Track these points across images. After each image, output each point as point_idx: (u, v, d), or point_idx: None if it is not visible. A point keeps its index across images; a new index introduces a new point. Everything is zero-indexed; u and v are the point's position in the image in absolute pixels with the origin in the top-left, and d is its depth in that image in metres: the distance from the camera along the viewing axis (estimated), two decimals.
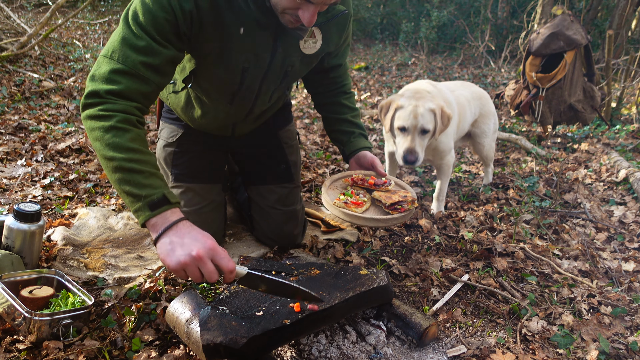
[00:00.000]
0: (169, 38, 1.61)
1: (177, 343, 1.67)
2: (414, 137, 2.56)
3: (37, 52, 6.68)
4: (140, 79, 1.57)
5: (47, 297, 1.72)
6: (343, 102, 2.32)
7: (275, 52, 1.85)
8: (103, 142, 1.50)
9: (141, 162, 1.51)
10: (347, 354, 1.65)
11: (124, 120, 1.52)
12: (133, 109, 1.57)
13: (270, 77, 1.96)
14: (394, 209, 1.98)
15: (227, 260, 1.43)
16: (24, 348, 1.56)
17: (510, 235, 2.71)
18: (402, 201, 2.01)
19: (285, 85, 2.10)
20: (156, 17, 1.57)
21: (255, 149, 2.39)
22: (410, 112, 2.54)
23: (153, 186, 1.48)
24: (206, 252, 1.40)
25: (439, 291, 2.16)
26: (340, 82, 2.32)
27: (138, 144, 1.52)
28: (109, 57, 1.57)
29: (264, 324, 1.47)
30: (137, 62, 1.56)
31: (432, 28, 12.18)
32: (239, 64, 1.83)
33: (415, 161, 2.55)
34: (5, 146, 3.57)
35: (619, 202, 3.35)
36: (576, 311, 2.07)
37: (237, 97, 2.00)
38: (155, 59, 1.59)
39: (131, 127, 1.54)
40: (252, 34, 1.77)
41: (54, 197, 2.82)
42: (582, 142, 4.92)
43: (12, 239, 1.94)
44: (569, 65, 4.75)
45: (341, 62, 2.25)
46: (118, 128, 1.50)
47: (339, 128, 2.31)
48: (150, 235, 2.45)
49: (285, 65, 1.93)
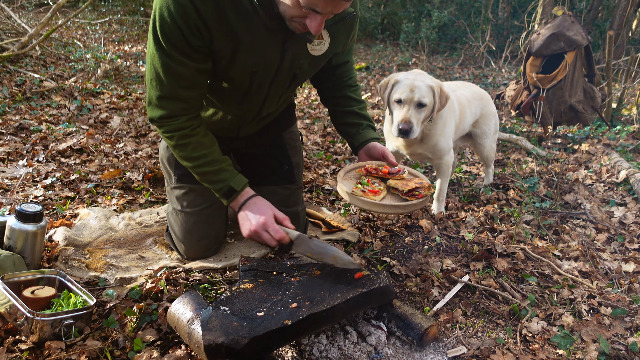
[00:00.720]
0: (187, 53, 1.73)
1: (179, 343, 1.68)
2: (410, 108, 2.57)
3: (37, 52, 6.69)
4: (179, 100, 1.83)
5: (49, 297, 1.72)
6: (349, 94, 2.31)
7: (283, 56, 1.87)
8: (177, 155, 1.97)
9: (207, 164, 1.92)
10: (347, 355, 1.66)
11: (181, 136, 1.88)
12: (184, 122, 1.87)
13: (279, 79, 1.97)
14: (412, 195, 2.02)
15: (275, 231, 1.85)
16: (26, 348, 1.57)
17: (511, 236, 2.71)
18: (419, 187, 2.05)
19: (293, 88, 2.11)
20: (172, 36, 1.69)
21: (258, 149, 2.39)
22: (408, 85, 2.57)
23: (222, 180, 1.93)
24: (260, 227, 1.85)
25: (439, 292, 2.16)
26: (346, 76, 2.31)
27: (199, 150, 1.91)
28: (150, 84, 1.83)
29: (266, 324, 1.47)
30: (171, 86, 1.79)
31: (432, 28, 12.18)
32: (248, 67, 1.85)
33: (409, 131, 2.55)
34: (7, 146, 3.58)
35: (619, 203, 3.36)
36: (576, 312, 2.08)
37: (246, 100, 2.01)
38: (183, 79, 1.78)
39: (189, 139, 1.89)
40: (261, 39, 1.78)
41: (55, 197, 2.82)
42: (582, 142, 4.92)
43: (14, 239, 1.94)
44: (569, 66, 4.76)
45: (348, 59, 2.25)
46: (180, 145, 1.90)
47: (346, 121, 2.31)
48: (151, 236, 2.46)
49: (293, 67, 1.95)
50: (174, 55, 1.72)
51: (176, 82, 1.78)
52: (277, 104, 2.16)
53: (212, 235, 2.28)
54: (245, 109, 2.07)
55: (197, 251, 2.26)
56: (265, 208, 1.89)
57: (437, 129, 2.81)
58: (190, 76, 1.79)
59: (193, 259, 2.27)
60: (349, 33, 2.05)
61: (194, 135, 1.90)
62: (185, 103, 1.85)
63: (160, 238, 2.44)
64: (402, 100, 2.58)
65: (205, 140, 1.94)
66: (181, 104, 1.84)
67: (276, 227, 1.85)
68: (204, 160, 1.91)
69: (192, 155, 1.91)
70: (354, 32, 2.10)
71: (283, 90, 2.06)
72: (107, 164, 3.42)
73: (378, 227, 2.74)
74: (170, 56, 1.73)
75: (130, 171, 3.30)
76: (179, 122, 1.86)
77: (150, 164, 3.44)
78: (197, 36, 1.70)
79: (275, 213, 1.89)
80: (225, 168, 1.94)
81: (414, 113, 2.57)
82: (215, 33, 1.71)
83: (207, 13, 1.66)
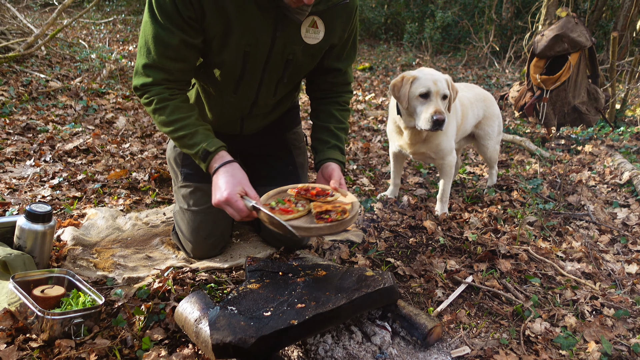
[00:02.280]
0: (177, 23, 1.78)
1: (186, 342, 1.70)
2: (438, 101, 2.62)
3: (43, 52, 6.73)
4: (163, 70, 1.85)
5: (58, 296, 1.75)
6: (333, 112, 2.23)
7: (275, 37, 1.89)
8: (156, 121, 1.94)
9: (183, 128, 1.88)
10: (352, 354, 1.68)
11: (160, 100, 1.88)
12: (164, 89, 1.89)
13: (272, 64, 1.98)
14: (320, 218, 1.79)
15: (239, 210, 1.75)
16: (36, 346, 1.60)
17: (514, 237, 2.73)
18: (331, 210, 1.82)
19: (289, 77, 2.09)
20: (164, 3, 1.75)
21: (263, 150, 2.42)
22: (429, 79, 2.63)
23: (196, 144, 1.88)
24: (224, 202, 1.76)
25: (443, 292, 2.18)
26: (337, 91, 2.26)
27: (176, 114, 1.89)
28: (139, 52, 1.87)
29: (272, 324, 1.50)
30: (157, 55, 1.82)
31: (436, 28, 12.18)
32: (241, 47, 1.88)
33: (443, 121, 2.58)
34: (14, 146, 3.61)
35: (623, 205, 3.37)
36: (579, 313, 2.09)
37: (241, 86, 2.03)
38: (170, 49, 1.81)
39: (167, 102, 1.88)
40: (253, 17, 1.81)
41: (62, 197, 2.85)
42: (586, 144, 4.93)
43: (23, 239, 1.97)
44: (573, 67, 4.76)
45: (341, 67, 2.18)
46: (158, 109, 1.89)
47: (318, 136, 2.21)
48: (158, 236, 2.49)
49: (286, 52, 1.96)
50: (164, 24, 1.77)
51: (162, 51, 1.81)
52: (274, 96, 2.16)
53: (218, 233, 2.31)
54: (241, 96, 2.09)
55: (203, 249, 2.28)
56: (235, 180, 1.79)
57: None
58: (177, 47, 1.81)
59: (199, 257, 2.29)
60: (346, 24, 2.02)
61: (172, 99, 1.90)
62: (168, 74, 1.87)
63: (166, 238, 2.47)
64: (429, 93, 2.62)
65: (184, 105, 1.92)
66: (164, 74, 1.86)
67: (239, 205, 1.74)
68: (180, 124, 1.88)
69: (169, 119, 1.88)
70: (352, 28, 2.07)
71: (277, 76, 2.05)
72: (113, 164, 3.45)
73: (382, 228, 2.76)
74: (160, 24, 1.78)
75: (136, 171, 3.33)
76: (160, 88, 1.88)
77: (156, 164, 3.46)
78: (187, 6, 1.75)
79: (246, 189, 1.79)
80: (201, 132, 1.90)
81: (441, 105, 2.63)
82: (207, 7, 1.76)
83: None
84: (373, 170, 3.87)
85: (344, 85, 2.27)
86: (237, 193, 1.75)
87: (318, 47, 2.00)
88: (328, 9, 1.88)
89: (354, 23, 2.07)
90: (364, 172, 3.81)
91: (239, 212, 1.75)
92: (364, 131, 5.21)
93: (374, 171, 3.84)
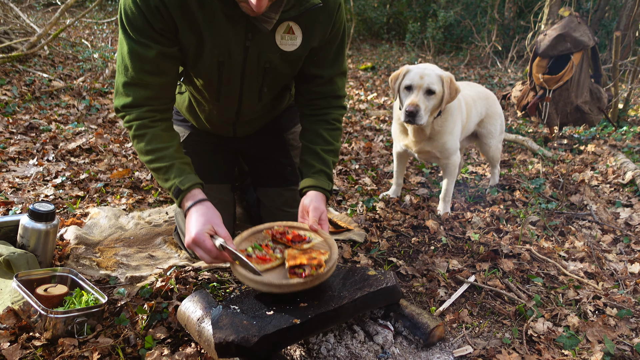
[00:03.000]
0: (151, 35, 1.72)
1: (189, 341, 1.71)
2: (418, 94, 2.63)
3: (46, 52, 6.74)
4: (143, 87, 1.78)
5: (61, 295, 1.76)
6: (321, 132, 2.04)
7: (247, 47, 1.84)
8: (135, 147, 1.85)
9: (159, 160, 1.79)
10: (355, 353, 1.68)
11: (139, 126, 1.79)
12: (145, 112, 1.80)
13: (249, 74, 1.93)
14: (293, 273, 1.63)
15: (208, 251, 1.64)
16: (40, 345, 1.60)
17: (517, 237, 2.72)
18: (305, 265, 1.64)
19: (272, 84, 2.02)
20: (135, 19, 1.69)
21: (260, 150, 2.41)
22: (418, 73, 2.65)
23: (169, 179, 1.78)
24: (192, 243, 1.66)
25: (445, 292, 2.18)
26: (325, 107, 2.07)
27: (155, 143, 1.79)
28: (117, 71, 1.81)
29: (275, 323, 1.50)
30: (135, 71, 1.75)
31: (438, 28, 12.18)
32: (214, 58, 1.84)
33: (415, 114, 2.59)
34: (17, 145, 3.62)
35: (625, 204, 3.36)
36: (582, 313, 2.09)
37: (222, 95, 2.01)
38: (147, 63, 1.75)
39: (146, 130, 1.79)
40: (223, 28, 1.76)
41: (65, 196, 2.86)
42: (588, 143, 4.92)
43: (27, 238, 1.98)
44: (575, 66, 4.76)
45: (324, 74, 2.00)
46: (137, 136, 1.81)
47: (305, 158, 2.04)
48: (161, 235, 2.49)
49: (262, 61, 1.89)
50: (138, 39, 1.72)
51: (140, 66, 1.74)
52: (259, 101, 2.08)
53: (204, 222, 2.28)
54: (223, 105, 2.07)
55: None
56: (203, 219, 1.67)
57: (447, 126, 2.84)
58: (154, 59, 1.75)
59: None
60: (327, 26, 1.89)
61: (152, 127, 1.80)
62: (149, 91, 1.78)
63: (169, 237, 2.47)
64: (412, 86, 2.65)
65: (164, 135, 1.82)
66: (145, 91, 1.78)
67: (207, 245, 1.62)
68: (157, 155, 1.79)
69: (147, 148, 1.79)
70: (335, 29, 1.92)
71: (257, 85, 1.98)
72: (116, 164, 3.46)
73: (385, 227, 2.76)
74: (135, 40, 1.72)
75: (139, 171, 3.33)
76: (140, 111, 1.79)
77: None
78: (158, 19, 1.69)
79: (215, 228, 1.67)
80: (177, 166, 1.79)
81: (422, 99, 2.62)
82: (177, 18, 1.71)
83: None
84: (375, 169, 3.87)
85: (333, 99, 2.07)
86: (204, 232, 1.63)
87: (296, 53, 1.91)
88: (302, 14, 1.78)
89: (337, 26, 1.93)
90: (366, 171, 3.81)
91: (207, 252, 1.63)
92: (366, 131, 5.21)
93: (376, 171, 3.84)
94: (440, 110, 2.73)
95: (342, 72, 2.07)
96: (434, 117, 2.77)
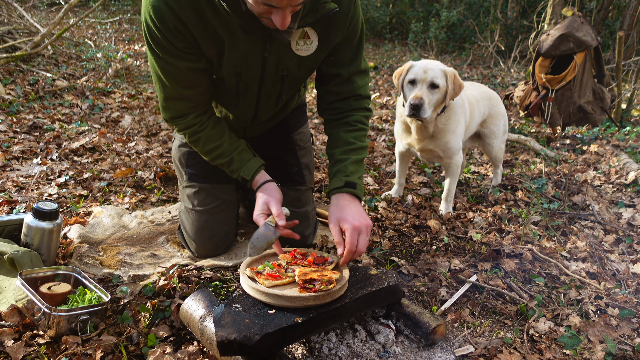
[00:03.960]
0: (176, 54, 1.76)
1: (191, 339, 1.72)
2: (422, 87, 2.65)
3: (50, 52, 6.77)
4: (182, 99, 1.89)
5: (65, 293, 1.77)
6: (341, 134, 2.01)
7: (266, 57, 1.85)
8: (199, 152, 2.05)
9: (219, 157, 1.99)
10: (356, 352, 1.68)
11: (191, 133, 1.96)
12: (192, 120, 1.94)
13: (266, 81, 1.95)
14: (302, 288, 1.65)
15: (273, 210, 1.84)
16: (43, 342, 1.61)
17: (519, 237, 2.73)
18: (316, 280, 1.68)
19: (288, 90, 2.06)
20: (157, 38, 1.73)
21: (267, 151, 2.41)
22: (421, 68, 2.67)
23: (234, 171, 2.00)
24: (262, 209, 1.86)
25: (447, 291, 2.18)
26: (345, 109, 2.04)
27: (210, 143, 1.98)
28: (156, 87, 1.90)
29: (277, 321, 1.51)
30: (172, 86, 1.83)
31: (441, 28, 12.16)
32: (232, 68, 1.86)
33: (420, 107, 2.61)
34: (21, 145, 3.64)
35: (628, 205, 3.36)
36: (583, 312, 2.09)
37: (240, 101, 2.03)
38: (180, 79, 1.82)
39: (199, 135, 1.96)
40: (240, 40, 1.77)
41: (69, 195, 2.88)
42: (591, 143, 4.91)
43: (31, 236, 1.99)
44: (578, 66, 4.75)
45: (341, 73, 1.99)
46: (192, 142, 2.00)
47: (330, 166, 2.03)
48: (163, 234, 2.50)
49: (279, 69, 1.91)
50: (165, 58, 1.76)
51: (175, 82, 1.82)
52: (275, 107, 2.12)
53: (222, 233, 2.32)
54: (241, 110, 2.09)
55: (207, 249, 2.29)
56: (262, 201, 1.88)
57: (450, 125, 2.84)
58: (185, 76, 1.81)
59: (204, 257, 2.31)
60: (342, 29, 1.89)
61: (202, 130, 1.95)
62: (189, 102, 1.90)
63: (172, 236, 2.48)
64: (416, 80, 2.67)
65: (214, 133, 1.97)
66: (186, 102, 1.89)
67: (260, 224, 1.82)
68: (216, 153, 1.98)
69: (204, 150, 1.99)
70: (350, 29, 1.91)
71: (275, 92, 2.01)
72: (119, 163, 3.47)
73: (387, 227, 2.77)
74: (163, 59, 1.77)
75: (141, 170, 3.35)
76: (188, 120, 1.93)
77: (161, 162, 3.48)
78: (179, 38, 1.72)
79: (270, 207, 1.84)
80: (236, 157, 1.98)
81: (426, 92, 2.64)
82: (197, 34, 1.73)
83: (185, 15, 1.67)
84: (377, 169, 3.87)
85: (354, 100, 2.03)
86: (260, 212, 1.84)
87: (313, 57, 1.91)
88: (316, 21, 1.77)
89: (354, 24, 1.92)
90: (369, 171, 3.82)
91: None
92: (369, 130, 5.21)
93: (379, 170, 3.84)
94: (445, 105, 2.73)
95: (362, 70, 2.04)
96: (437, 114, 2.77)
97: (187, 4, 1.66)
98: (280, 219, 1.79)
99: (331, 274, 1.71)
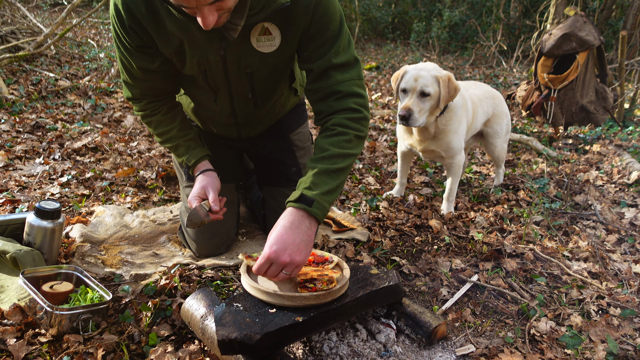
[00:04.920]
0: (130, 50, 1.84)
1: (192, 338, 1.72)
2: (412, 97, 2.67)
3: (52, 52, 6.79)
4: (137, 87, 1.98)
5: (67, 292, 1.77)
6: (319, 142, 1.78)
7: (224, 56, 1.82)
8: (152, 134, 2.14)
9: (167, 141, 2.08)
10: (357, 352, 1.69)
11: (143, 117, 2.07)
12: (145, 105, 2.03)
13: (233, 79, 1.92)
14: (303, 287, 1.64)
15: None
16: (45, 341, 1.62)
17: (520, 237, 2.72)
18: (316, 279, 1.66)
19: (262, 88, 1.99)
20: (116, 35, 1.83)
21: (266, 151, 2.41)
22: (413, 75, 2.69)
23: (180, 155, 2.09)
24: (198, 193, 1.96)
25: (448, 291, 2.18)
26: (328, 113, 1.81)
27: (160, 127, 2.06)
28: (119, 67, 1.98)
29: (277, 320, 1.51)
30: (127, 73, 1.94)
31: (443, 28, 12.15)
32: (195, 66, 1.86)
33: (408, 118, 2.65)
34: (24, 144, 3.65)
35: (630, 204, 3.35)
36: (585, 312, 2.09)
37: (217, 98, 2.03)
38: (132, 70, 1.90)
39: (150, 119, 2.06)
40: (197, 39, 1.75)
41: (71, 194, 2.88)
42: (593, 143, 4.90)
43: (33, 235, 2.00)
44: (581, 66, 4.74)
45: (312, 68, 1.80)
46: (146, 124, 2.10)
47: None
48: (165, 234, 2.51)
49: (242, 67, 1.86)
50: (123, 51, 1.86)
51: (129, 71, 1.92)
52: (256, 106, 2.07)
53: (223, 233, 2.32)
54: (220, 106, 2.09)
55: (208, 249, 2.30)
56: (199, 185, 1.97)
57: (451, 125, 2.84)
58: (137, 71, 1.89)
59: (205, 256, 2.31)
60: (303, 22, 1.74)
61: (154, 115, 2.05)
62: (142, 89, 1.98)
63: (173, 236, 2.49)
64: (407, 89, 2.70)
65: (165, 119, 2.05)
66: (139, 89, 1.98)
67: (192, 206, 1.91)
68: (165, 137, 2.08)
69: (156, 132, 2.09)
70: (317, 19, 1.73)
71: (245, 90, 1.97)
72: (121, 163, 3.48)
73: (388, 226, 2.77)
74: (121, 50, 1.87)
75: (143, 170, 3.35)
76: (142, 104, 2.03)
77: (163, 162, 3.49)
78: (133, 37, 1.78)
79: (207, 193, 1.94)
80: (183, 144, 2.07)
81: (416, 101, 2.66)
82: (154, 34, 1.76)
83: (141, 14, 1.70)
84: (379, 169, 3.87)
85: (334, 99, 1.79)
86: (195, 196, 1.93)
87: (277, 54, 1.82)
88: (274, 13, 1.68)
89: (318, 20, 1.74)
90: (370, 171, 3.82)
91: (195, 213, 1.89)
92: (370, 130, 5.21)
93: (380, 170, 3.84)
94: (441, 109, 2.73)
95: (340, 64, 1.78)
96: (435, 116, 2.77)
97: (143, 4, 1.69)
98: (216, 204, 1.91)
99: (331, 273, 1.72)
